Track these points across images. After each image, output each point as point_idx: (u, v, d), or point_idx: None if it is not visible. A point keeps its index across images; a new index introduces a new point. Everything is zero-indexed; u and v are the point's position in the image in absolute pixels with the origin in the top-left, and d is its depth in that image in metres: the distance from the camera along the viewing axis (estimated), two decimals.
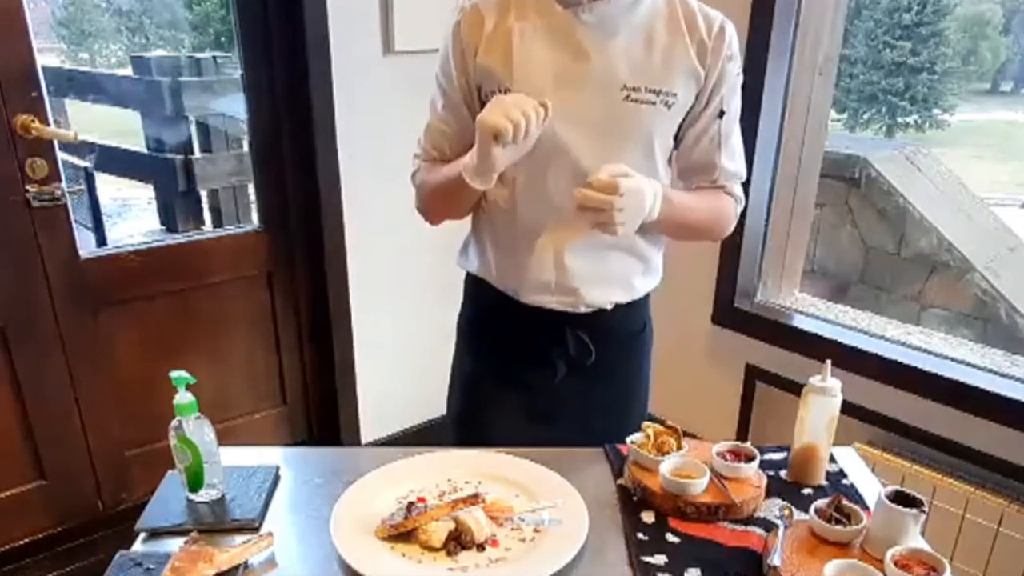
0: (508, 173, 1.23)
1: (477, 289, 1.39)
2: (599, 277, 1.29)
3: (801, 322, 2.29)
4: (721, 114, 1.25)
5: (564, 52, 1.20)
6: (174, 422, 1.08)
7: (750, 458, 1.14)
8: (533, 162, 1.21)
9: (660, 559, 1.01)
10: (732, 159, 1.30)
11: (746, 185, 2.23)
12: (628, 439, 1.20)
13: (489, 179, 1.15)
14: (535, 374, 1.35)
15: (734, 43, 1.24)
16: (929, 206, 4.12)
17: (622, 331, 1.38)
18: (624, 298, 1.33)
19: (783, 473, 1.21)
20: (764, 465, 1.18)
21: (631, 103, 1.20)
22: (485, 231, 1.35)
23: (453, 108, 1.29)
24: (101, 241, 3.48)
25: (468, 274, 1.42)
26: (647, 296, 1.40)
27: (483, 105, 1.18)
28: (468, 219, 1.40)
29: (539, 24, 1.20)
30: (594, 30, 1.18)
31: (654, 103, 1.20)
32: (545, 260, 1.27)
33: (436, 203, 1.33)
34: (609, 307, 1.31)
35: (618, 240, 1.20)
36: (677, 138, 1.29)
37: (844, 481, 1.19)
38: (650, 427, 1.21)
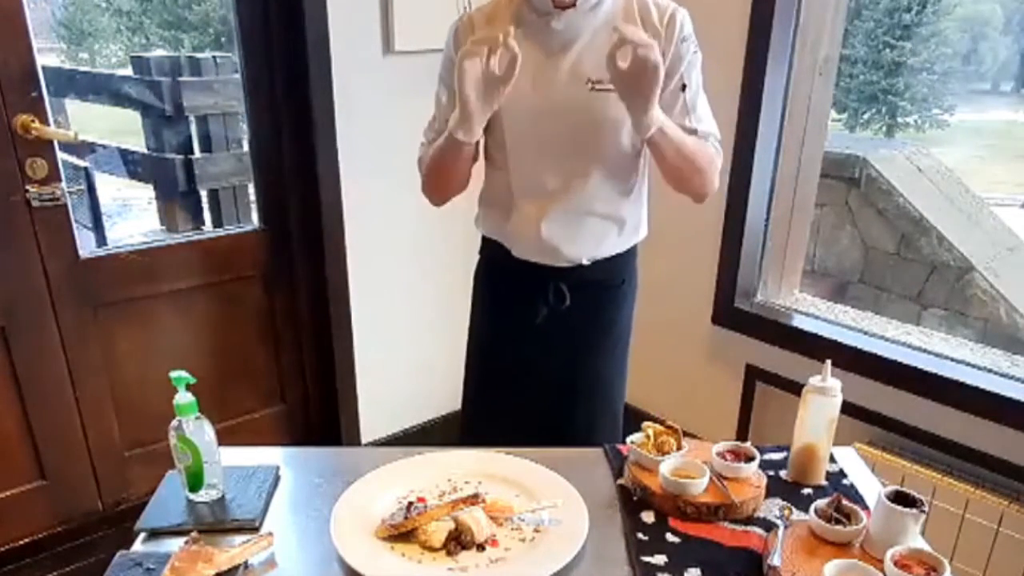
0: (500, 150, 1.46)
1: (484, 245, 1.63)
2: (575, 238, 1.48)
3: (801, 322, 2.29)
4: (683, 87, 1.42)
5: (539, 54, 1.39)
6: (174, 422, 1.08)
7: (750, 458, 1.15)
8: (521, 143, 1.44)
9: (660, 559, 1.01)
10: (702, 122, 1.46)
11: (746, 185, 2.26)
12: (628, 439, 1.20)
13: (470, 128, 1.32)
14: (522, 316, 1.56)
15: (686, 25, 1.41)
16: (929, 206, 4.12)
17: (599, 283, 1.55)
18: (599, 255, 1.50)
19: (783, 473, 1.21)
20: (764, 465, 1.18)
21: (598, 92, 1.36)
22: (490, 197, 1.56)
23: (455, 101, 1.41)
24: (101, 241, 3.48)
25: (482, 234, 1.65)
26: (628, 253, 1.56)
27: None
28: (473, 209, 1.61)
29: (517, 32, 1.32)
30: (562, 34, 1.38)
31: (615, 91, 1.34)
32: (531, 224, 1.47)
33: (433, 174, 1.50)
34: (586, 262, 1.49)
35: (592, 206, 1.45)
36: None
37: (844, 481, 1.19)
38: (650, 427, 1.21)
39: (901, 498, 0.99)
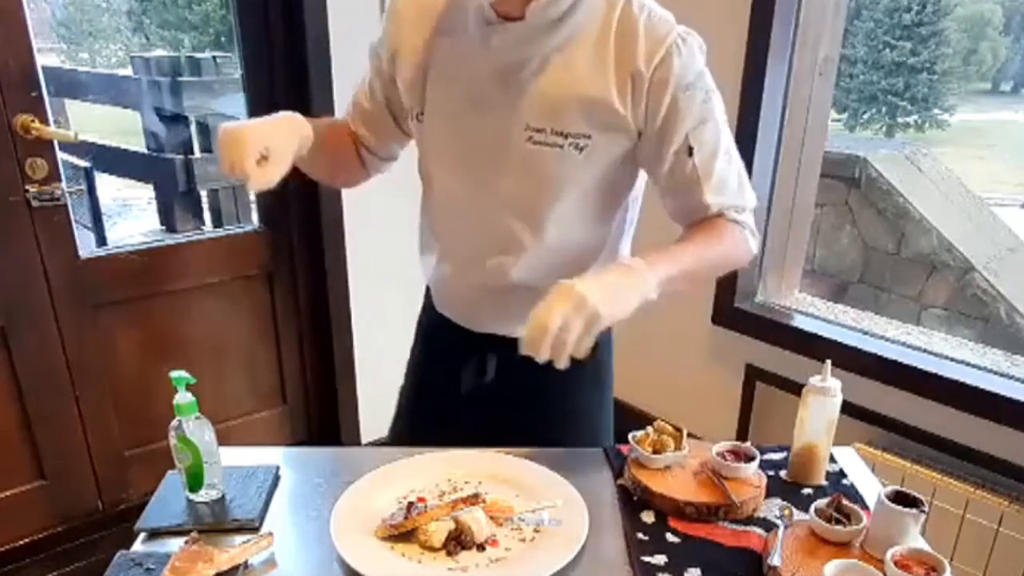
0: (426, 177, 1.22)
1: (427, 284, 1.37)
2: (504, 312, 1.15)
3: (801, 322, 2.29)
4: (690, 151, 1.08)
5: (479, 77, 1.08)
6: (174, 422, 1.08)
7: (750, 458, 1.14)
8: (445, 186, 1.18)
9: (660, 559, 1.00)
10: (722, 193, 1.12)
11: None
12: (630, 434, 1.19)
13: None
14: (446, 380, 1.28)
15: (690, 68, 1.05)
16: (929, 206, 4.12)
17: (540, 364, 1.08)
18: None
19: (783, 473, 1.20)
20: (764, 465, 1.18)
21: (535, 146, 1.06)
22: (421, 225, 1.30)
23: (374, 91, 1.25)
24: (101, 241, 3.48)
25: None
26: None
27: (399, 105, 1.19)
28: None
29: (444, 42, 1.11)
30: (508, 55, 1.05)
31: (561, 147, 1.06)
32: (454, 282, 1.22)
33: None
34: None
35: (534, 279, 1.10)
36: (654, 180, 1.16)
37: (844, 481, 1.19)
38: (659, 424, 1.21)
39: (901, 498, 0.99)
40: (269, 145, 1.04)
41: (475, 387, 1.25)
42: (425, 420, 1.36)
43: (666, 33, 1.04)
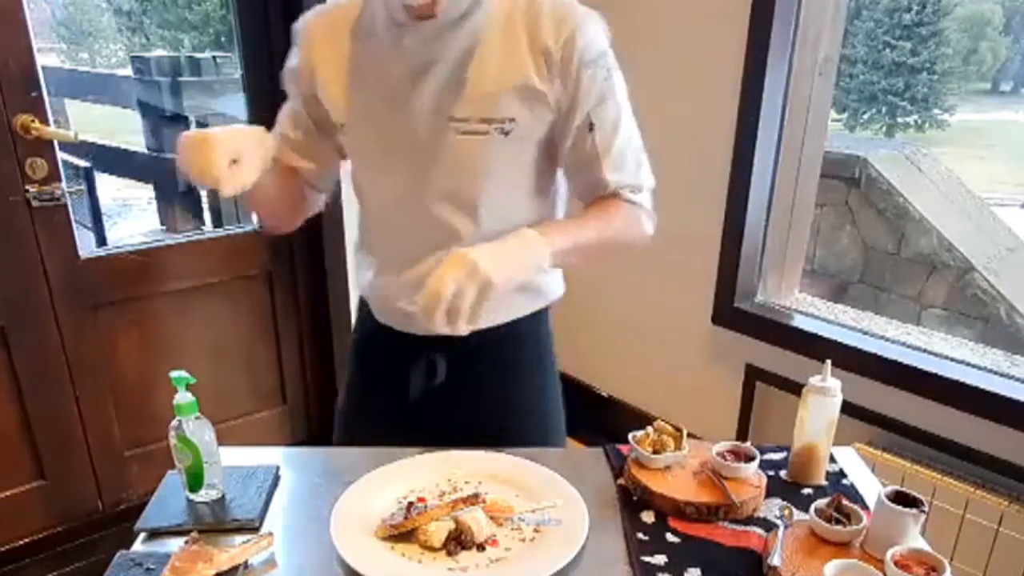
0: (358, 185, 1.22)
1: (362, 296, 1.34)
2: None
3: (801, 322, 2.29)
4: (591, 127, 1.11)
5: (394, 79, 1.10)
6: (174, 422, 1.08)
7: (750, 458, 1.14)
8: (375, 187, 1.19)
9: (660, 559, 1.00)
10: (620, 171, 1.15)
11: (746, 185, 2.26)
12: (630, 435, 1.20)
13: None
14: (392, 388, 1.28)
15: (594, 45, 1.08)
16: (929, 206, 4.13)
17: (488, 357, 1.23)
18: (487, 324, 1.16)
19: (783, 473, 1.21)
20: (764, 465, 1.18)
21: (461, 136, 1.08)
22: (359, 236, 1.30)
23: (299, 119, 1.23)
24: (101, 241, 3.48)
25: None
26: (527, 320, 1.25)
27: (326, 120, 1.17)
28: None
29: (357, 47, 1.12)
30: (421, 54, 1.07)
31: (487, 133, 1.09)
32: (394, 289, 1.19)
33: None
34: (463, 333, 1.04)
35: None
36: (558, 155, 1.18)
37: (844, 481, 1.19)
38: (659, 424, 1.21)
39: (901, 498, 0.99)
40: (238, 149, 1.01)
41: (424, 390, 1.25)
42: (373, 433, 1.30)
43: (569, 12, 1.08)
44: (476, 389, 1.26)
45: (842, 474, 1.21)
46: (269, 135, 1.12)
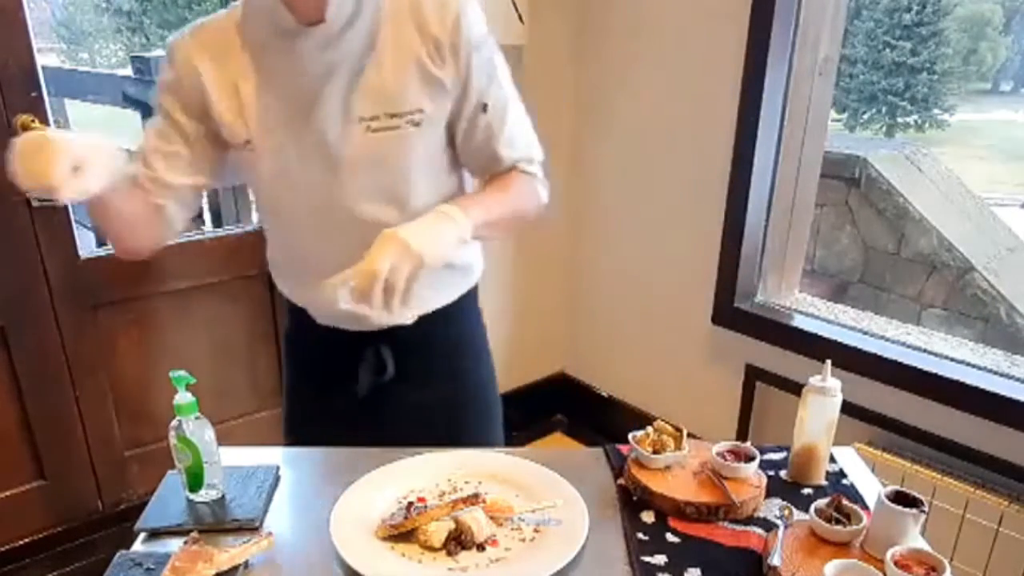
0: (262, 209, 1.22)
1: (289, 303, 1.33)
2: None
3: (801, 322, 2.29)
4: (484, 107, 1.16)
5: (297, 86, 1.10)
6: (174, 422, 1.08)
7: (750, 458, 1.14)
8: (288, 204, 1.18)
9: (660, 559, 1.01)
10: (512, 146, 1.21)
11: (746, 185, 2.26)
12: (630, 435, 1.20)
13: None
14: (341, 389, 1.29)
15: (474, 29, 1.12)
16: (929, 206, 4.13)
17: (430, 340, 1.28)
18: (426, 309, 1.20)
19: (783, 473, 1.21)
20: (764, 465, 1.18)
21: (374, 134, 1.11)
22: (272, 254, 1.31)
23: (186, 134, 1.16)
24: (101, 241, 3.47)
25: None
26: (462, 299, 1.31)
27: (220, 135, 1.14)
28: None
29: (265, 60, 1.10)
30: (320, 60, 1.08)
31: (398, 127, 1.11)
32: (326, 291, 1.13)
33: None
34: (409, 321, 1.09)
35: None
36: (455, 136, 1.21)
37: (844, 481, 1.19)
38: (659, 424, 1.21)
39: (901, 498, 0.99)
40: (81, 155, 0.92)
41: (373, 386, 1.28)
42: (323, 435, 1.29)
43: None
44: (425, 375, 1.30)
45: (842, 474, 1.21)
46: (121, 153, 1.03)
